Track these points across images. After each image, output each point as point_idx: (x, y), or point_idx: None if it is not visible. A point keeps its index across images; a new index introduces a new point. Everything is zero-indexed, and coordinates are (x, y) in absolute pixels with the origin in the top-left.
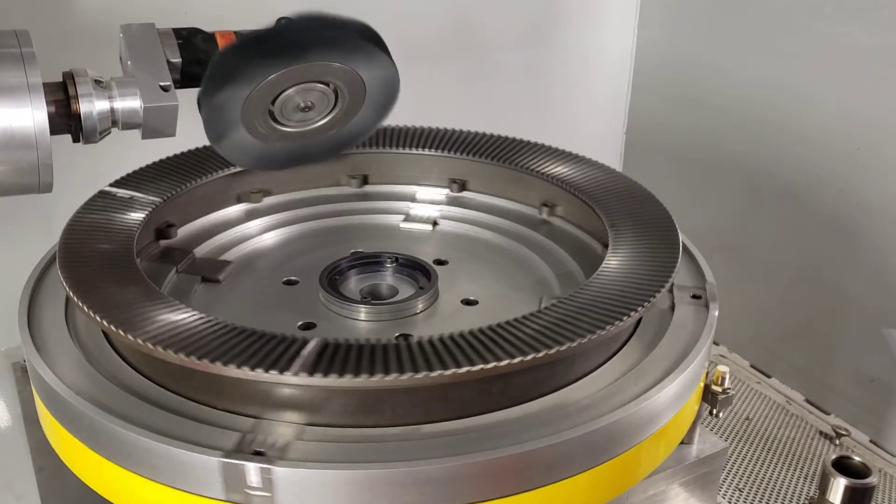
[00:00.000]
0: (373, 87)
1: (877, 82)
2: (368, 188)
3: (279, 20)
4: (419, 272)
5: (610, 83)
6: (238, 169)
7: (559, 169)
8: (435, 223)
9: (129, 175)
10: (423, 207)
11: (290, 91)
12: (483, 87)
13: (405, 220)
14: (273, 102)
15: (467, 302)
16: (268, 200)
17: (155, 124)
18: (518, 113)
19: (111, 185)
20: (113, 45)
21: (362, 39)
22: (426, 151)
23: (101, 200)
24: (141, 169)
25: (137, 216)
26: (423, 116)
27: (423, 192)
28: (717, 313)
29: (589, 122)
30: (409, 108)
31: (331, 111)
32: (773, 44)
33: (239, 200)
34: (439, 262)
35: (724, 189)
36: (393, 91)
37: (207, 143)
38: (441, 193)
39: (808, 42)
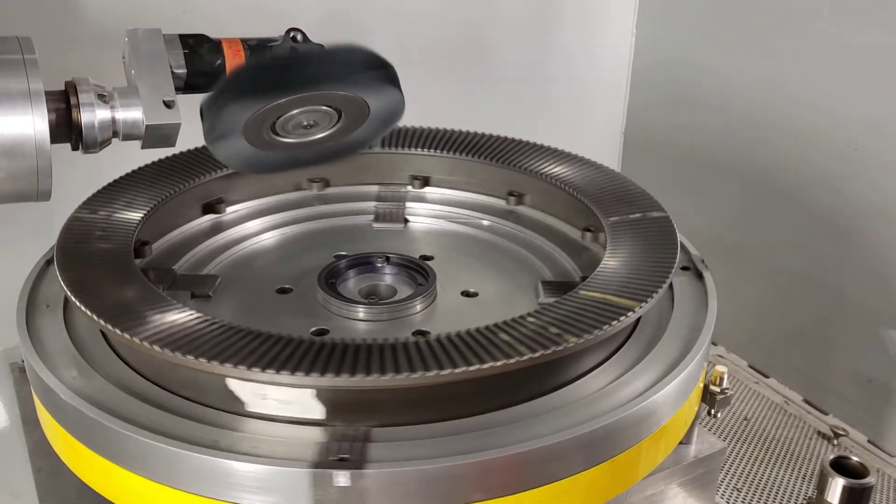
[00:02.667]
0: (377, 111)
1: (875, 82)
2: (330, 191)
3: (289, 32)
4: (413, 269)
5: (608, 84)
6: (200, 181)
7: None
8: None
9: (92, 198)
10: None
11: (294, 111)
12: (481, 88)
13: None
14: (276, 119)
15: (467, 294)
16: (232, 210)
17: (156, 138)
18: (516, 113)
19: (80, 207)
20: (114, 44)
21: (375, 74)
22: (389, 150)
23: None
24: (107, 187)
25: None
26: (420, 117)
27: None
28: (715, 313)
29: (587, 122)
30: (408, 109)
31: (331, 127)
32: (771, 44)
33: (204, 212)
34: (426, 258)
35: (722, 189)
36: (396, 114)
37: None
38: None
39: (806, 42)
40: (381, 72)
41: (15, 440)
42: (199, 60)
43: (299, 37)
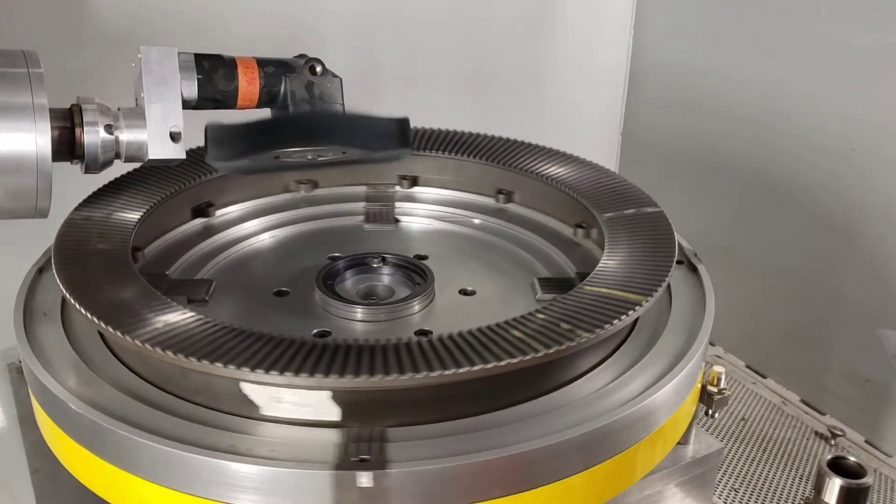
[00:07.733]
0: (382, 154)
1: (871, 83)
2: (319, 192)
3: (307, 62)
4: (410, 269)
5: (606, 85)
6: (190, 185)
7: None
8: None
9: (88, 200)
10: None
11: (303, 150)
12: (479, 89)
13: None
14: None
15: (465, 293)
16: (222, 213)
17: (157, 163)
18: (514, 114)
19: (77, 209)
20: (111, 40)
21: (390, 139)
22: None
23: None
24: (102, 188)
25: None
26: (418, 117)
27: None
28: (713, 314)
29: (585, 123)
30: (405, 109)
31: (333, 156)
32: (769, 45)
33: (194, 216)
34: (421, 258)
35: (720, 190)
36: (399, 158)
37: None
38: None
39: (804, 43)
40: (398, 133)
41: (13, 440)
42: (212, 87)
43: (318, 68)
